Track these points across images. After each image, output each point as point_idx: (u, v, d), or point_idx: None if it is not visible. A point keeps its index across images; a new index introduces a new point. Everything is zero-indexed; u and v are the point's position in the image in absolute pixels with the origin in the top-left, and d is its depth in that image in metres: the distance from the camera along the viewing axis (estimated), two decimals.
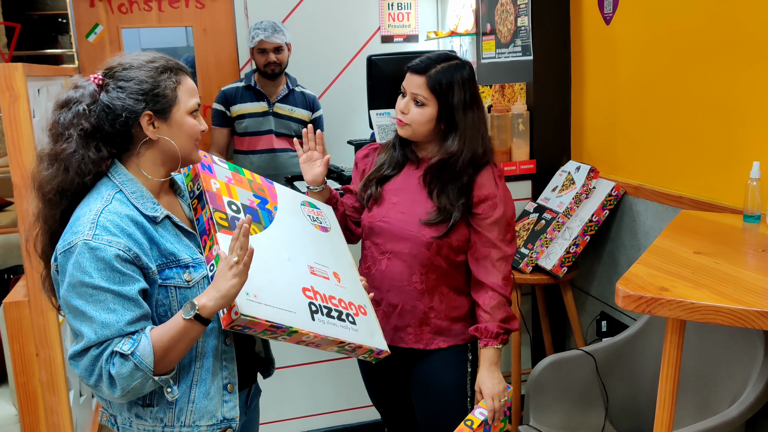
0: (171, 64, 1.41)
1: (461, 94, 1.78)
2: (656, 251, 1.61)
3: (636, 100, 2.46)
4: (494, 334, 1.79)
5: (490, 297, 1.79)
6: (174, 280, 1.37)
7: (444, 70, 1.78)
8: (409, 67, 1.81)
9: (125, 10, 3.95)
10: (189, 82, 1.43)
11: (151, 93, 1.36)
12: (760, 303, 1.27)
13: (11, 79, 2.18)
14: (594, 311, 2.78)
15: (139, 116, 1.36)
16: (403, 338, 1.87)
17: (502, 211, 1.81)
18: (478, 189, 1.80)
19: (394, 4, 4.24)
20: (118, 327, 1.27)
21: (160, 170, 1.43)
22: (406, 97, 1.81)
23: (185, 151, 1.42)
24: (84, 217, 1.31)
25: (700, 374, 1.99)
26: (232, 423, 1.45)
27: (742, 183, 1.88)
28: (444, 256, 1.81)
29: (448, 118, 1.79)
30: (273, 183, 1.71)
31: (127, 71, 1.37)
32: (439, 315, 1.85)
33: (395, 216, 1.84)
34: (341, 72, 4.17)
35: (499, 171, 1.87)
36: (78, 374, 1.30)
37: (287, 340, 1.40)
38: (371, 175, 1.92)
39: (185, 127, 1.41)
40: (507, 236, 1.82)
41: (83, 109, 1.35)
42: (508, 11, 2.99)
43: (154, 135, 1.38)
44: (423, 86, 1.77)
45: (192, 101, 1.42)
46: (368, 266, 1.90)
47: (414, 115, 1.79)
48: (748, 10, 1.94)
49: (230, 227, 1.42)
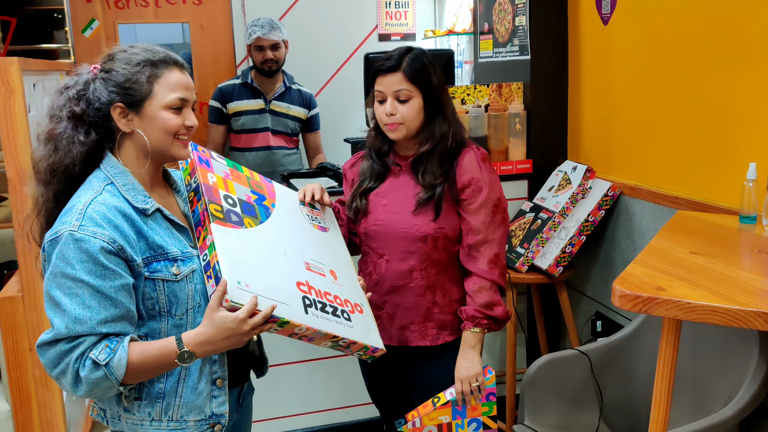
0: (157, 57, 1.40)
1: (435, 76, 1.81)
2: (653, 251, 1.61)
3: (633, 101, 2.47)
4: (471, 317, 1.80)
5: (474, 282, 1.81)
6: (161, 273, 1.36)
7: (413, 59, 1.79)
8: (379, 71, 1.80)
9: (122, 5, 3.94)
10: (174, 76, 1.40)
11: (122, 85, 1.37)
12: (756, 303, 1.28)
13: (7, 73, 2.17)
14: (589, 311, 2.78)
15: (110, 107, 1.37)
16: (408, 337, 1.87)
17: (487, 194, 1.81)
18: (461, 174, 1.81)
19: (392, 3, 4.24)
20: (90, 325, 1.26)
21: (140, 163, 1.42)
22: (387, 101, 1.79)
23: (161, 146, 1.41)
24: (74, 207, 1.32)
25: (695, 374, 1.99)
26: (221, 419, 1.44)
27: (738, 184, 1.88)
28: (442, 248, 1.82)
29: (433, 102, 1.80)
30: (272, 182, 1.71)
31: (111, 63, 1.39)
32: (442, 309, 1.86)
33: (387, 217, 1.84)
34: (338, 70, 4.16)
35: (482, 154, 1.86)
36: (42, 363, 1.30)
37: (279, 332, 1.39)
38: (355, 190, 1.92)
39: (158, 122, 1.39)
40: (496, 218, 1.82)
41: (73, 94, 1.38)
42: (506, 10, 2.99)
43: (126, 127, 1.39)
44: (402, 80, 1.77)
45: (171, 96, 1.39)
46: (369, 272, 1.90)
47: (404, 113, 1.78)
48: (745, 12, 1.94)
49: (225, 219, 1.42)
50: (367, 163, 1.93)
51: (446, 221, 1.81)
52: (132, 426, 1.40)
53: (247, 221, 1.48)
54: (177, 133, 1.41)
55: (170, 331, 1.38)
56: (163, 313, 1.38)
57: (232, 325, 1.28)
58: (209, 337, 1.30)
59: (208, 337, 1.30)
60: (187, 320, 1.40)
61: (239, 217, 1.47)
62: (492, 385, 1.82)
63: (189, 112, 1.44)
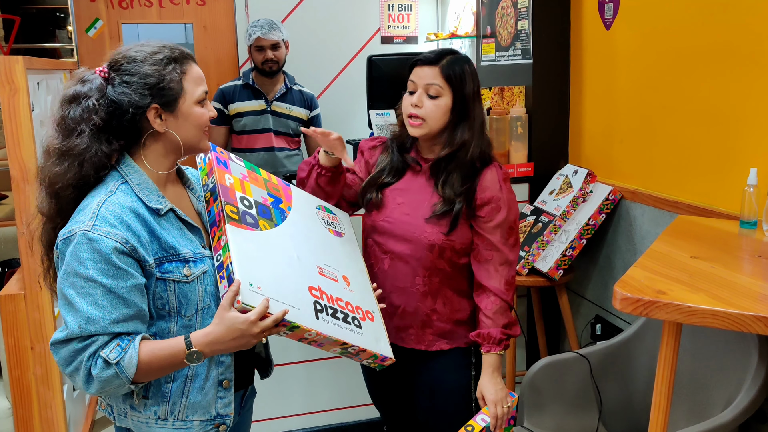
0: (176, 53, 1.39)
1: (472, 84, 1.77)
2: (653, 255, 1.62)
3: (634, 105, 2.48)
4: (497, 340, 1.76)
5: (492, 302, 1.77)
6: (173, 274, 1.36)
7: (454, 61, 1.76)
8: (418, 61, 1.77)
9: (126, 5, 3.95)
10: (195, 70, 1.41)
11: (156, 87, 1.35)
12: (756, 307, 1.28)
13: (11, 72, 2.17)
14: (589, 314, 2.79)
15: (146, 110, 1.35)
16: (404, 338, 1.86)
17: (505, 215, 1.78)
18: (482, 191, 1.77)
19: (395, 5, 4.25)
20: (102, 324, 1.27)
21: (165, 162, 1.42)
22: (417, 92, 1.76)
23: (193, 141, 1.42)
24: (87, 207, 1.31)
25: (694, 378, 2.00)
26: (226, 419, 1.45)
27: (738, 189, 1.89)
28: (447, 259, 1.79)
29: (461, 108, 1.76)
30: (290, 185, 1.70)
31: (132, 65, 1.35)
32: (441, 318, 1.83)
33: (398, 217, 1.81)
34: (341, 72, 4.17)
35: (505, 173, 1.83)
36: (56, 361, 1.31)
37: (289, 336, 1.39)
38: (371, 179, 1.88)
39: (192, 118, 1.40)
40: (510, 240, 1.79)
41: (92, 104, 1.33)
42: (509, 14, 3.00)
43: (162, 128, 1.37)
44: (437, 76, 1.73)
45: (199, 90, 1.40)
46: (370, 264, 1.88)
47: (430, 109, 1.74)
48: (747, 18, 1.95)
49: (240, 221, 1.42)
50: (388, 155, 1.89)
51: (457, 235, 1.77)
52: (137, 424, 1.41)
53: (262, 224, 1.48)
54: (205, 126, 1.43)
55: (179, 332, 1.38)
56: (172, 313, 1.38)
57: (242, 326, 1.29)
58: (218, 337, 1.30)
59: (217, 336, 1.30)
60: (196, 321, 1.40)
61: (254, 219, 1.47)
62: (514, 408, 1.80)
63: (208, 103, 1.45)
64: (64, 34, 6.05)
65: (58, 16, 6.05)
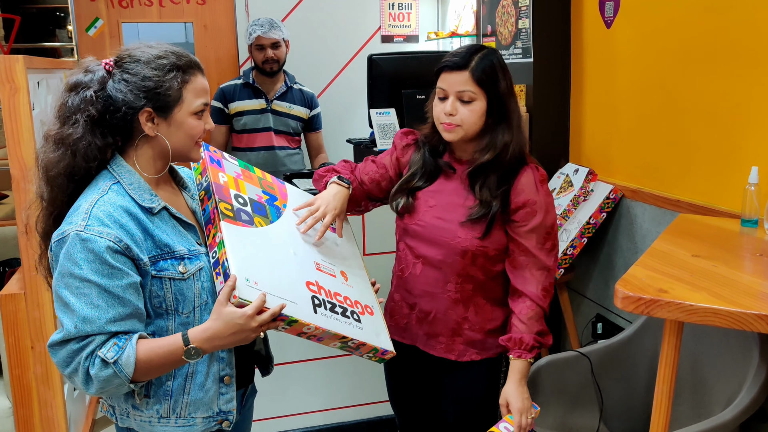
0: (183, 61, 1.38)
1: (505, 80, 1.70)
2: (655, 254, 1.62)
3: (635, 104, 2.47)
4: (529, 347, 1.69)
5: (528, 307, 1.70)
6: (168, 271, 1.37)
7: (483, 59, 1.67)
8: (445, 66, 1.69)
9: (126, 4, 3.95)
10: (199, 81, 1.40)
11: (153, 91, 1.35)
12: (757, 306, 1.28)
13: (12, 71, 2.17)
14: (590, 313, 2.79)
15: (138, 112, 1.35)
16: (434, 346, 1.81)
17: (541, 219, 1.70)
18: (517, 195, 1.70)
19: (395, 4, 4.25)
20: (99, 324, 1.27)
21: (155, 165, 1.42)
22: (449, 99, 1.68)
23: (183, 150, 1.42)
24: (80, 208, 1.32)
25: (695, 377, 2.00)
26: (228, 416, 1.45)
27: (739, 188, 1.89)
28: (480, 266, 1.73)
29: (498, 109, 1.69)
30: (285, 183, 1.71)
31: (135, 64, 1.36)
32: (473, 327, 1.77)
33: (430, 221, 1.75)
34: (341, 71, 4.17)
35: (542, 175, 1.74)
36: (54, 362, 1.31)
37: (288, 331, 1.39)
38: (401, 184, 1.82)
39: (186, 127, 1.39)
40: (546, 245, 1.71)
41: (91, 95, 1.34)
42: (509, 13, 3.00)
43: (152, 131, 1.37)
44: (469, 81, 1.66)
45: (198, 102, 1.39)
46: (402, 268, 1.83)
47: (465, 115, 1.67)
48: (748, 16, 1.95)
49: (235, 218, 1.43)
50: (420, 157, 1.82)
51: (491, 240, 1.71)
52: (140, 423, 1.41)
53: (257, 220, 1.48)
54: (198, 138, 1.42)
55: (177, 330, 1.38)
56: (170, 311, 1.38)
57: (240, 321, 1.29)
58: (216, 332, 1.30)
59: (216, 332, 1.30)
60: (194, 318, 1.40)
61: (249, 216, 1.47)
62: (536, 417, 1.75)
63: (207, 116, 1.45)
64: (64, 33, 6.05)
65: (58, 15, 6.04)
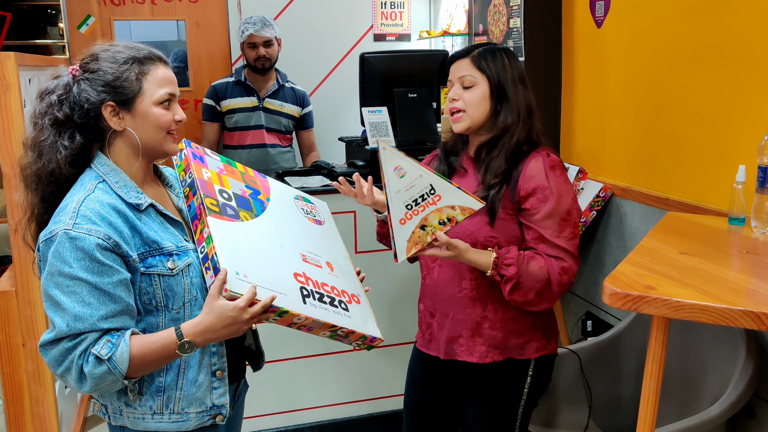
0: (142, 54, 1.41)
1: (510, 69, 1.75)
2: (643, 251, 1.63)
3: (625, 103, 2.49)
4: (506, 262, 1.64)
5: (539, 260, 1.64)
6: (157, 268, 1.37)
7: (486, 49, 1.77)
8: (450, 58, 1.80)
9: (118, 2, 3.94)
10: (160, 72, 1.42)
11: (111, 84, 1.37)
12: (743, 302, 1.29)
13: (3, 68, 2.17)
14: (579, 311, 2.81)
15: (101, 107, 1.37)
16: (455, 350, 1.79)
17: (553, 205, 1.66)
18: (526, 181, 1.68)
19: (387, 3, 4.25)
20: (91, 321, 1.27)
21: (133, 160, 1.43)
22: (453, 86, 1.77)
23: (153, 142, 1.42)
24: (67, 207, 1.33)
25: (682, 373, 2.02)
26: (222, 410, 1.46)
27: (727, 186, 1.91)
28: None
29: (499, 93, 1.74)
30: (266, 177, 1.72)
31: (95, 63, 1.39)
32: (494, 325, 1.75)
33: None
34: (333, 69, 4.18)
35: (552, 161, 1.71)
36: (46, 362, 1.31)
37: (278, 322, 1.40)
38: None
39: (151, 118, 1.40)
40: (564, 232, 1.67)
41: (54, 100, 1.38)
42: (501, 12, 3.01)
43: (119, 126, 1.39)
44: (469, 66, 1.75)
45: (160, 91, 1.40)
46: (423, 276, 1.85)
47: (467, 99, 1.74)
48: (736, 16, 1.97)
49: (221, 212, 1.43)
50: (436, 165, 1.87)
51: (502, 230, 1.69)
52: (134, 420, 1.41)
53: (242, 215, 1.49)
54: (168, 129, 1.43)
55: (168, 326, 1.39)
56: (160, 307, 1.39)
57: (232, 313, 1.29)
58: (209, 325, 1.31)
59: (208, 325, 1.31)
60: (184, 314, 1.41)
61: (235, 210, 1.48)
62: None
63: (177, 107, 1.45)
64: (55, 30, 6.02)
65: (49, 12, 6.01)
